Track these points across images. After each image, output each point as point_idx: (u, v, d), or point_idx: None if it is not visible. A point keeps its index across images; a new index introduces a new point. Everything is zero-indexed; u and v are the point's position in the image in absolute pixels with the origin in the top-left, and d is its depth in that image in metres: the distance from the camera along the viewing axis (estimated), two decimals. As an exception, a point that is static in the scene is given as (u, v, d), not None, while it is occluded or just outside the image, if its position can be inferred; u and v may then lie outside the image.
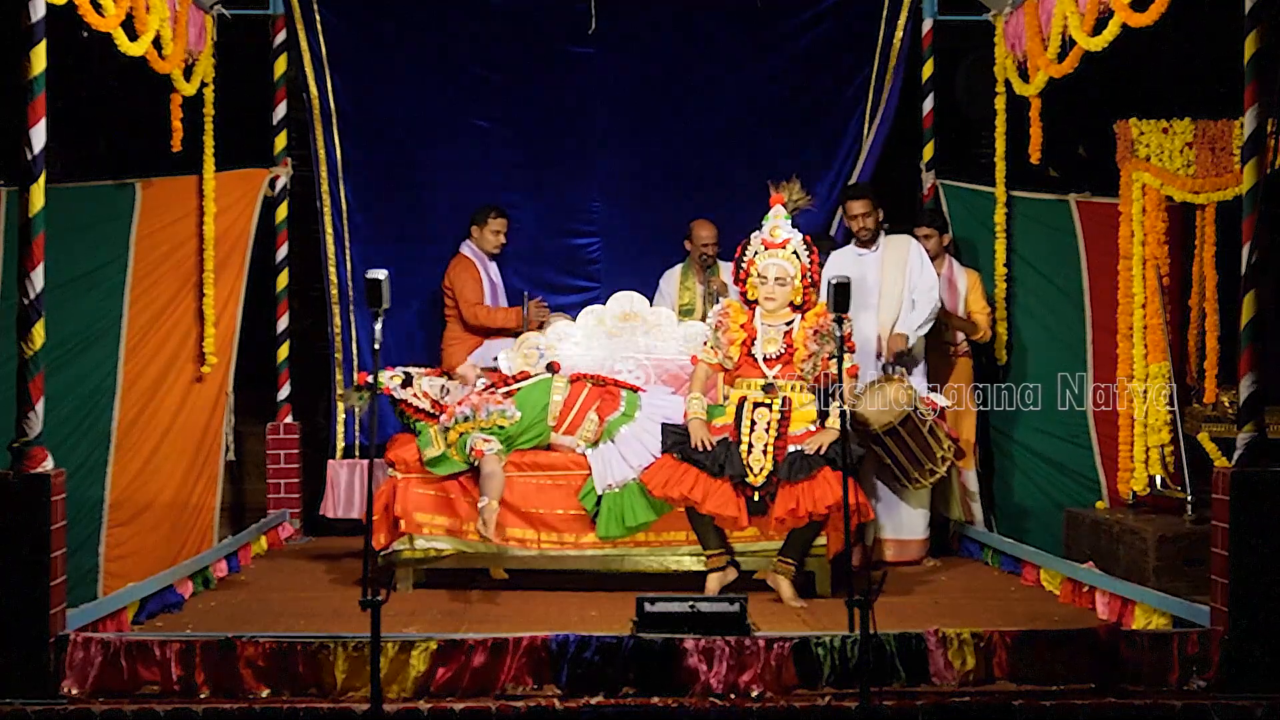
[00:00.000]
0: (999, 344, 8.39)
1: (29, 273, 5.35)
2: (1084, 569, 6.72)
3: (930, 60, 8.66)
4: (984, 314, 8.11)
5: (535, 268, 8.62)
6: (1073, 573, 6.73)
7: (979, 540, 7.89)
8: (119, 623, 5.94)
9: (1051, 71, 7.23)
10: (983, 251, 8.50)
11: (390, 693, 5.21)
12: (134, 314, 7.53)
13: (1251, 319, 5.36)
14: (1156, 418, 7.28)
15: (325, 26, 8.47)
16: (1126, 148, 7.43)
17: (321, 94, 8.50)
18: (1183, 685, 5.34)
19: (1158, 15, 5.87)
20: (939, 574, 7.45)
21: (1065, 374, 7.93)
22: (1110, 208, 7.74)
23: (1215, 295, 7.58)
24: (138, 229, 7.59)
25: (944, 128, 8.74)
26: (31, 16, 5.32)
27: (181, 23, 7.23)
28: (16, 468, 5.30)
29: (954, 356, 8.11)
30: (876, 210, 7.72)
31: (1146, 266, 7.38)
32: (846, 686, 5.22)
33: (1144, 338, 7.35)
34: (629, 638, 5.34)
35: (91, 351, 7.31)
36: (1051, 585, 6.92)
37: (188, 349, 7.90)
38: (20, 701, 5.13)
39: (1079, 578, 6.64)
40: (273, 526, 8.23)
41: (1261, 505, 5.27)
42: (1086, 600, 6.51)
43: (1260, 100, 5.38)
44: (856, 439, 6.71)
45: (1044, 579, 7.03)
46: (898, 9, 8.55)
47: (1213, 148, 7.24)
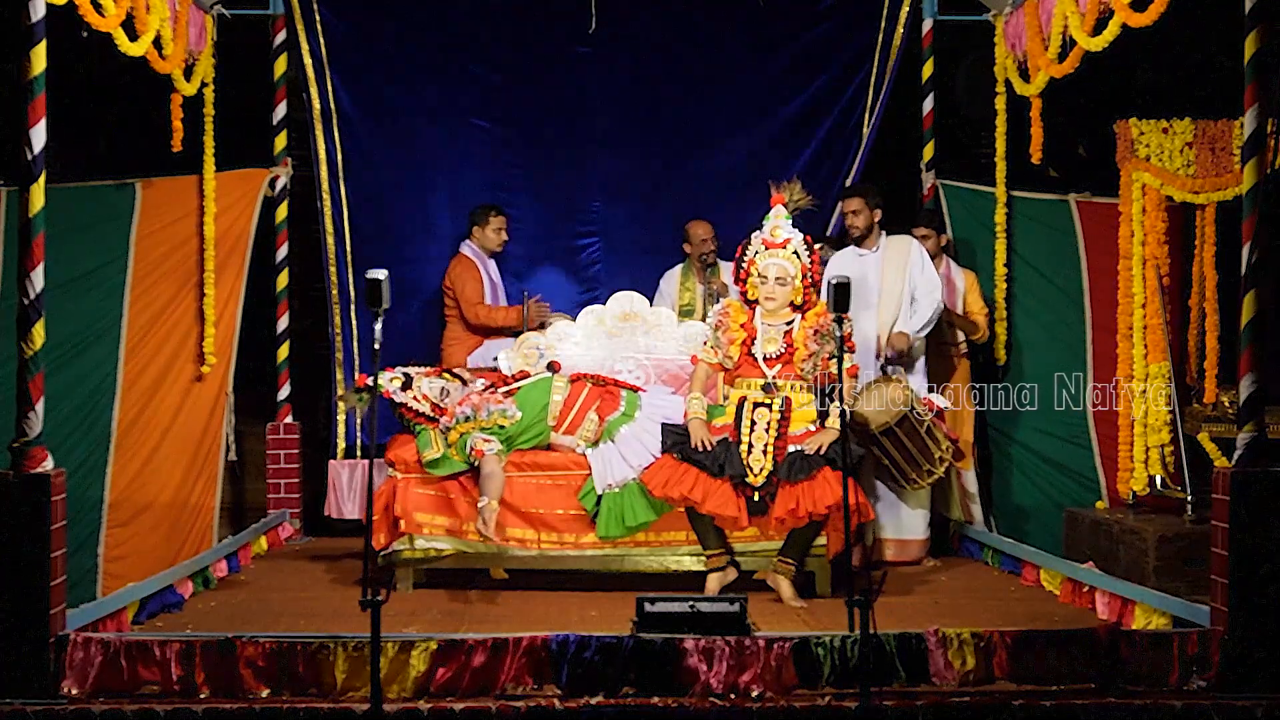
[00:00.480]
0: (998, 344, 8.40)
1: (29, 273, 5.35)
2: (1084, 569, 6.72)
3: (930, 60, 8.66)
4: (982, 314, 8.12)
5: (535, 268, 8.63)
6: (1073, 573, 6.73)
7: (979, 540, 7.89)
8: (119, 623, 5.94)
9: (1052, 71, 7.23)
10: (982, 251, 8.50)
11: (390, 693, 5.21)
12: (134, 314, 7.54)
13: (1251, 319, 5.36)
14: (1156, 418, 7.28)
15: (325, 26, 8.47)
16: (1126, 148, 7.43)
17: (321, 94, 8.50)
18: (1183, 685, 5.33)
19: (1158, 15, 5.86)
20: (939, 574, 7.45)
21: (1065, 374, 7.94)
22: (1110, 208, 7.74)
23: (1215, 295, 7.59)
24: (138, 229, 7.61)
25: (944, 128, 8.74)
26: (31, 16, 5.32)
27: (181, 23, 7.23)
28: (16, 468, 5.30)
29: (954, 357, 8.11)
30: (870, 209, 7.71)
31: (1146, 266, 7.38)
32: (846, 686, 5.22)
33: (1144, 338, 7.35)
34: (629, 638, 5.34)
35: (91, 351, 7.32)
36: (1051, 585, 6.92)
37: (187, 349, 7.91)
38: (20, 701, 5.13)
39: (1079, 578, 6.64)
40: (273, 527, 8.22)
41: (1261, 505, 5.27)
42: (1086, 600, 6.50)
43: (1260, 100, 5.37)
44: (855, 439, 6.71)
45: (1044, 579, 7.03)
46: (898, 9, 8.54)
47: (1213, 148, 7.25)
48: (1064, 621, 6.11)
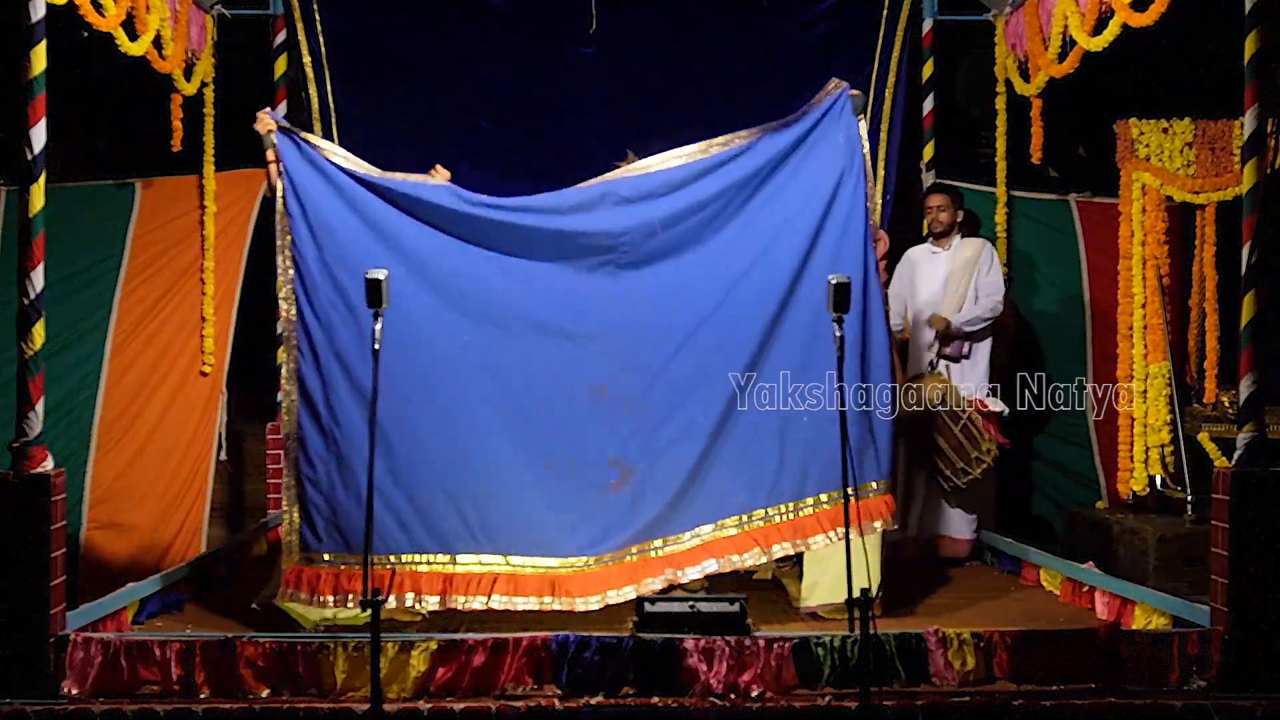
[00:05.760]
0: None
1: (29, 272, 5.35)
2: (1084, 569, 6.72)
3: (930, 60, 8.65)
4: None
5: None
6: (1073, 573, 6.73)
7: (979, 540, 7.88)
8: (119, 623, 5.94)
9: (1052, 71, 7.24)
10: (983, 251, 8.50)
11: (390, 693, 5.21)
12: (123, 311, 7.52)
13: (1251, 319, 5.37)
14: (1156, 418, 7.28)
15: (325, 27, 8.46)
16: (1126, 148, 7.43)
17: (321, 94, 8.49)
18: (1183, 685, 5.34)
19: (1158, 15, 5.87)
20: (939, 574, 7.44)
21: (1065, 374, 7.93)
22: (1110, 208, 7.74)
23: (1215, 295, 7.59)
24: (135, 228, 7.61)
25: (944, 128, 8.73)
26: (31, 16, 5.33)
27: (182, 23, 7.24)
28: (16, 468, 5.30)
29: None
30: (955, 209, 7.79)
31: (1146, 266, 7.38)
32: (846, 686, 5.23)
33: (1144, 338, 7.35)
34: (629, 638, 5.34)
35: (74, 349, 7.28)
36: (1051, 585, 6.92)
37: (177, 347, 7.86)
38: (20, 701, 5.13)
39: (1079, 578, 6.64)
40: (273, 527, 8.21)
41: (1261, 505, 5.28)
42: (1086, 600, 6.50)
43: (1260, 100, 5.38)
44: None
45: (1044, 579, 7.03)
46: (898, 10, 8.54)
47: (1213, 148, 7.25)
48: (1064, 621, 6.11)
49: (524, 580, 5.75)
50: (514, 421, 5.85)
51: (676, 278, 5.99)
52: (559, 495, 5.83)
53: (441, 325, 5.84)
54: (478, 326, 5.89)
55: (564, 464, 5.84)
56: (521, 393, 5.86)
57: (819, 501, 5.88)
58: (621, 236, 5.97)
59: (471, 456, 5.79)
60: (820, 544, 5.85)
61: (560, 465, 5.84)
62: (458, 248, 5.95)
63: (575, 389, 5.89)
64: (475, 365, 5.86)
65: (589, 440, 5.86)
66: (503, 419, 5.84)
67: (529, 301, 5.94)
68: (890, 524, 5.96)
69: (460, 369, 5.84)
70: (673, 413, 5.90)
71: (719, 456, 5.88)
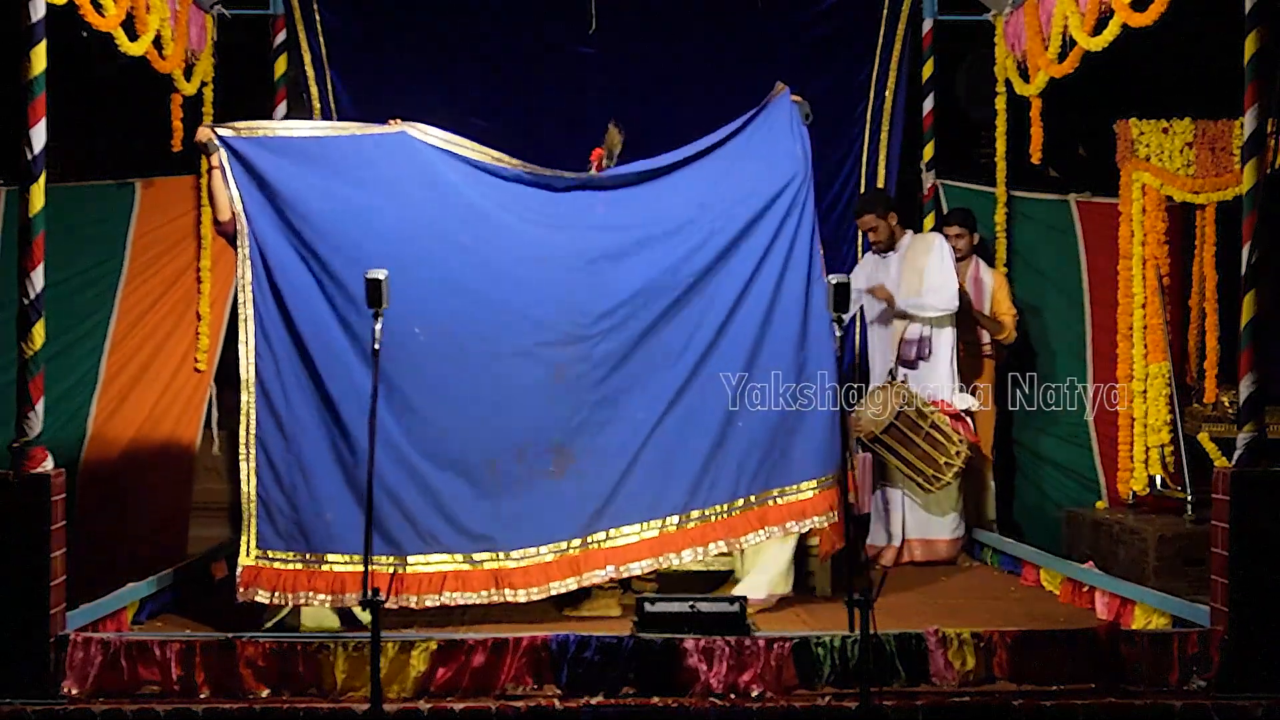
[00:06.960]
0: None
1: (29, 273, 5.35)
2: (1084, 569, 6.72)
3: (930, 60, 8.65)
4: (1010, 315, 8.06)
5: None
6: (1073, 573, 6.73)
7: (979, 540, 7.89)
8: (119, 623, 5.95)
9: (1052, 71, 7.24)
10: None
11: (390, 693, 5.21)
12: (123, 311, 7.51)
13: (1251, 319, 5.37)
14: (1156, 418, 7.28)
15: (325, 26, 8.47)
16: (1126, 148, 7.43)
17: (321, 94, 8.49)
18: (1183, 685, 5.34)
19: (1158, 15, 5.87)
20: (939, 574, 7.45)
21: (1064, 374, 7.94)
22: (1110, 208, 7.73)
23: (1215, 295, 7.58)
24: (136, 228, 7.60)
25: (944, 128, 8.73)
26: (31, 16, 5.33)
27: (182, 23, 7.23)
28: (16, 468, 5.30)
29: (982, 357, 8.11)
30: (882, 218, 7.75)
31: (1146, 266, 7.38)
32: (846, 686, 5.23)
33: (1144, 338, 7.35)
34: (629, 638, 5.34)
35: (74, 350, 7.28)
36: (1051, 585, 6.92)
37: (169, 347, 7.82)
38: (20, 701, 5.13)
39: (1079, 578, 6.64)
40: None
41: (1261, 505, 5.28)
42: (1086, 600, 6.51)
43: (1260, 100, 5.38)
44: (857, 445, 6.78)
45: (1044, 579, 7.03)
46: (898, 10, 8.54)
47: (1213, 148, 7.25)
48: (1064, 621, 6.11)
49: (471, 576, 5.87)
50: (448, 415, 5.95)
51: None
52: (502, 486, 5.94)
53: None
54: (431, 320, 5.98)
55: (509, 455, 5.96)
56: (454, 384, 5.94)
57: (749, 502, 6.14)
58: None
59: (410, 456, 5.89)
60: (751, 543, 6.16)
61: (504, 457, 5.96)
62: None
63: (518, 373, 6.00)
64: (423, 356, 5.92)
65: (528, 429, 5.98)
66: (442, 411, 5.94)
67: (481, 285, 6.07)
68: (828, 520, 6.22)
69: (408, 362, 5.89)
70: (615, 407, 6.03)
71: (657, 452, 6.05)
